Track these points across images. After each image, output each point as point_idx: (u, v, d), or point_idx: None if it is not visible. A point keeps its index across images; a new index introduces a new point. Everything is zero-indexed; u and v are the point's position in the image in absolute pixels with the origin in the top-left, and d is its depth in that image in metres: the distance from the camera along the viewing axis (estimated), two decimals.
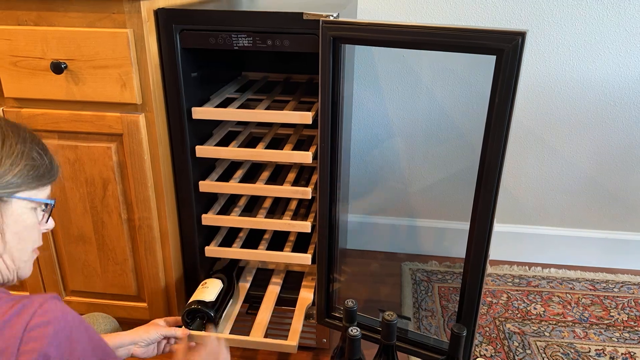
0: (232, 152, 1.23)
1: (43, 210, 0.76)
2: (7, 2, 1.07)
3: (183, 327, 1.11)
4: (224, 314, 1.21)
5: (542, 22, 1.51)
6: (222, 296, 1.21)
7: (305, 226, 1.24)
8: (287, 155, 1.20)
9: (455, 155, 1.68)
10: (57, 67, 1.07)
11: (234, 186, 1.25)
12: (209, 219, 1.28)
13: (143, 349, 1.03)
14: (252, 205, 1.46)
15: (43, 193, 0.75)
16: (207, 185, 1.24)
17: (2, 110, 1.15)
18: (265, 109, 1.27)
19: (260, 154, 1.22)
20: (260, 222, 1.28)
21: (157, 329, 1.05)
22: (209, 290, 1.19)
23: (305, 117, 1.15)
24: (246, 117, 1.20)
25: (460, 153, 1.68)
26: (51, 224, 0.81)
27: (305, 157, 1.18)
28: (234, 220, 1.28)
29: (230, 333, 1.19)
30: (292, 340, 1.15)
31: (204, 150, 1.22)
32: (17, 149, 0.70)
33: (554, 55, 1.54)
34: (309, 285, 1.33)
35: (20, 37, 1.08)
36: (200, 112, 1.18)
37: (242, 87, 1.49)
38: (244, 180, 1.31)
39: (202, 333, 1.12)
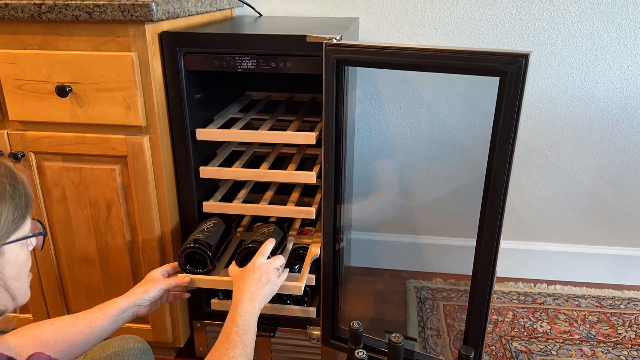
0: (236, 172, 1.23)
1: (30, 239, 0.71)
2: (12, 26, 1.08)
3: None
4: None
5: (543, 39, 1.52)
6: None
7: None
8: (291, 175, 1.20)
9: (458, 171, 1.68)
10: (62, 91, 1.08)
11: (238, 207, 1.24)
12: None
13: (146, 308, 1.02)
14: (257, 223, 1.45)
15: (28, 224, 0.69)
16: (211, 206, 1.24)
17: (7, 133, 1.15)
18: (269, 128, 1.28)
19: (264, 174, 1.22)
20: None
21: (156, 285, 1.03)
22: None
23: (309, 138, 1.16)
24: (250, 138, 1.20)
25: (463, 170, 1.68)
26: (42, 247, 0.76)
27: (309, 177, 1.18)
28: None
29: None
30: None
31: (207, 171, 1.22)
32: None
33: (555, 72, 1.55)
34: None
35: (26, 60, 1.09)
36: (204, 134, 1.19)
37: (245, 106, 1.49)
38: (248, 199, 1.31)
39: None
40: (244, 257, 1.11)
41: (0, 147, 1.16)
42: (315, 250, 1.22)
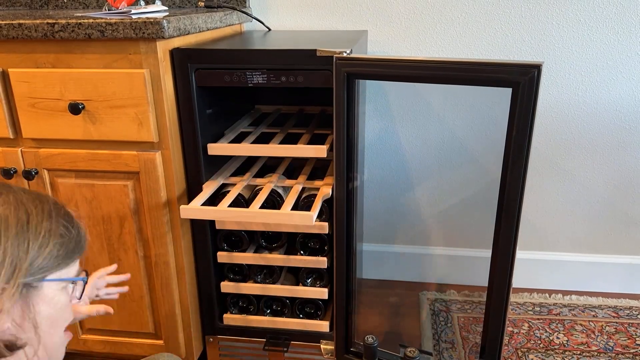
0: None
1: (72, 284, 0.70)
2: (26, 46, 1.09)
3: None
4: None
5: (553, 48, 1.51)
6: None
7: (321, 262, 1.23)
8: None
9: (470, 182, 1.67)
10: (75, 108, 1.09)
11: (248, 223, 1.24)
12: (225, 256, 1.27)
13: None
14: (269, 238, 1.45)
15: (74, 268, 0.68)
16: (223, 222, 1.24)
17: (21, 150, 1.17)
18: (280, 142, 1.28)
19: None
20: (276, 258, 1.27)
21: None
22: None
23: (320, 151, 1.16)
24: (261, 152, 1.20)
25: (475, 180, 1.67)
26: (81, 296, 0.73)
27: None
28: (249, 257, 1.27)
29: None
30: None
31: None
32: (44, 227, 0.63)
33: (566, 80, 1.54)
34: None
35: (39, 79, 1.10)
36: (216, 148, 1.19)
37: (255, 120, 1.50)
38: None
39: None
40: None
41: (14, 164, 1.17)
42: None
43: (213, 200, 1.22)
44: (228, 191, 1.22)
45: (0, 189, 0.65)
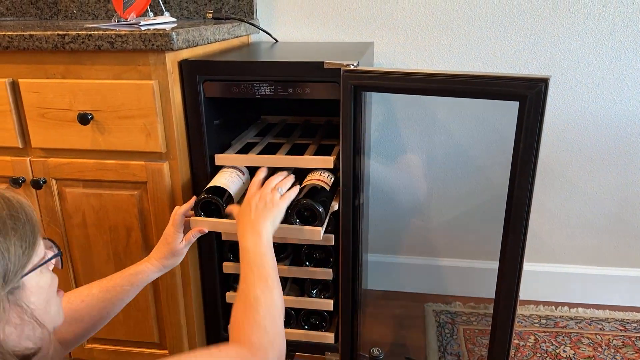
0: None
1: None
2: (36, 57, 1.10)
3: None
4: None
5: (560, 59, 1.51)
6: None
7: (327, 273, 1.23)
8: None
9: (475, 193, 1.67)
10: (84, 118, 1.10)
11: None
12: (231, 266, 1.27)
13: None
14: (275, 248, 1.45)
15: (40, 248, 0.66)
16: (229, 233, 1.24)
17: (30, 160, 1.17)
18: (287, 152, 1.28)
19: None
20: (282, 269, 1.26)
21: (179, 251, 1.03)
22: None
23: (327, 162, 1.16)
24: (268, 162, 1.20)
25: (480, 191, 1.66)
26: (62, 265, 0.73)
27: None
28: None
29: None
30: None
31: None
32: None
33: (573, 92, 1.54)
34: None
35: (48, 89, 1.11)
36: (223, 159, 1.19)
37: (261, 130, 1.50)
38: None
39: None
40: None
41: (23, 173, 1.18)
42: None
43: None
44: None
45: None
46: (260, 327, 0.80)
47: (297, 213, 1.07)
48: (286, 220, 1.06)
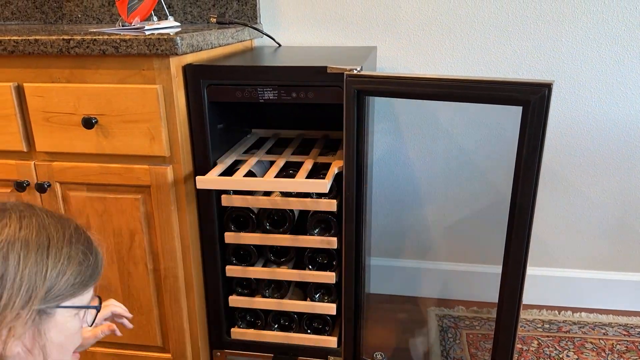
0: (257, 201, 1.23)
1: (85, 311, 0.70)
2: (41, 61, 1.11)
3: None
4: None
5: (563, 64, 1.51)
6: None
7: (330, 277, 1.23)
8: (314, 202, 1.20)
9: (478, 197, 1.67)
10: (88, 123, 1.10)
11: (258, 237, 1.25)
12: (234, 270, 1.28)
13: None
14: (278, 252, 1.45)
15: (88, 295, 0.69)
16: (233, 237, 1.25)
17: (34, 163, 1.18)
18: (292, 153, 1.28)
19: (285, 203, 1.22)
20: (285, 273, 1.27)
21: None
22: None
23: (321, 186, 1.16)
24: (256, 186, 1.21)
25: (483, 195, 1.66)
26: (92, 323, 0.73)
27: (330, 205, 1.18)
28: (259, 271, 1.28)
29: None
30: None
31: (229, 200, 1.23)
32: (63, 254, 0.63)
33: (577, 96, 1.54)
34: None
35: (53, 94, 1.12)
36: (205, 182, 1.15)
37: (255, 143, 1.45)
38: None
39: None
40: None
41: (28, 177, 1.19)
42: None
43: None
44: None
45: (24, 210, 0.64)
46: None
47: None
48: None
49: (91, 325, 0.73)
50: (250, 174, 1.22)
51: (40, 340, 0.63)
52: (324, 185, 1.12)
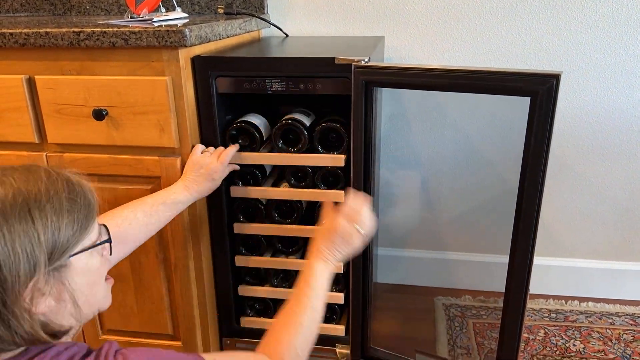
0: (265, 192, 1.24)
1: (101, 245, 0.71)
2: (52, 54, 1.12)
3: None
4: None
5: (571, 53, 1.51)
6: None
7: (337, 267, 1.24)
8: (322, 194, 1.21)
9: (485, 187, 1.67)
10: (99, 114, 1.11)
11: (267, 227, 1.26)
12: (243, 259, 1.29)
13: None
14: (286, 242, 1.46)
15: (94, 232, 0.68)
16: (241, 227, 1.26)
17: (46, 155, 1.20)
18: None
19: (291, 193, 1.23)
20: (294, 262, 1.28)
21: (212, 173, 1.10)
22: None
23: (337, 160, 1.17)
24: (279, 160, 1.21)
25: (490, 185, 1.67)
26: (110, 252, 0.74)
27: (338, 196, 1.19)
28: (268, 261, 1.29)
29: None
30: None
31: (237, 191, 1.24)
32: (48, 211, 0.61)
33: (585, 85, 1.54)
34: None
35: (64, 86, 1.13)
36: (236, 156, 1.20)
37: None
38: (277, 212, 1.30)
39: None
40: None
41: None
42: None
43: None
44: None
45: None
46: (296, 352, 0.82)
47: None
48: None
49: (111, 254, 0.73)
50: None
51: (67, 288, 0.65)
52: (339, 159, 1.15)
